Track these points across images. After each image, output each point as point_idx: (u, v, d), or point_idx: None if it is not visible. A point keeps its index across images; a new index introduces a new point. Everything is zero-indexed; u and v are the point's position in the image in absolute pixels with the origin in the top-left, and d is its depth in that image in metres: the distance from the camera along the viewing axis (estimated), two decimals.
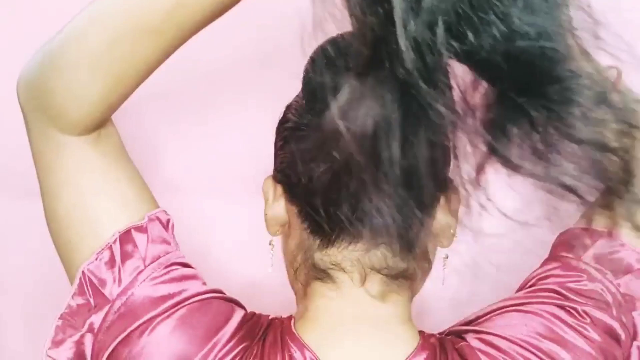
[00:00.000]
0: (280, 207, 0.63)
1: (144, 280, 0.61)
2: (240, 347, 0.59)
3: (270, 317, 0.64)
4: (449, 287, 0.68)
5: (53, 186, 0.61)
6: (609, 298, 0.65)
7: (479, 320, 0.65)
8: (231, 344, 0.60)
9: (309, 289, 0.62)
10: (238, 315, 0.62)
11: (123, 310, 0.60)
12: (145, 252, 0.61)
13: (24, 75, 0.60)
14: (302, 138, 0.59)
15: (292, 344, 0.60)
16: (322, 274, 0.61)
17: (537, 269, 0.70)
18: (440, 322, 0.69)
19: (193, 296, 0.61)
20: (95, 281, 0.61)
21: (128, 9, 0.52)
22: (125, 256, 0.61)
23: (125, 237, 0.61)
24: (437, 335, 0.63)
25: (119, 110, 0.60)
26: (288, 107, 0.63)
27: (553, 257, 0.71)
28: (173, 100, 0.90)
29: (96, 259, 0.60)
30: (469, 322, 0.65)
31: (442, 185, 0.61)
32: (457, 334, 0.64)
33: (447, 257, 0.66)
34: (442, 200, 0.61)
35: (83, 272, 0.61)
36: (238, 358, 0.59)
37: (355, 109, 0.47)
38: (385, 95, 0.45)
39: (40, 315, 0.95)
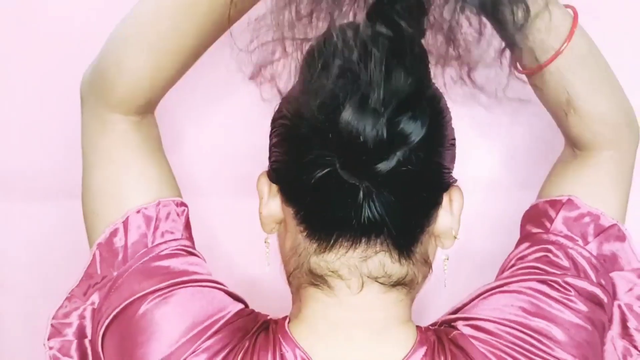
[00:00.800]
0: (276, 205, 0.61)
1: (146, 259, 0.63)
2: (230, 338, 0.59)
3: (268, 317, 0.64)
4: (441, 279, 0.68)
5: (93, 160, 0.66)
6: (585, 264, 0.65)
7: (465, 307, 0.65)
8: (221, 334, 0.59)
9: (304, 291, 0.61)
10: (235, 307, 0.62)
11: (122, 285, 0.62)
12: (152, 233, 0.64)
13: (90, 66, 0.66)
14: (295, 138, 0.57)
15: (284, 343, 0.59)
16: (318, 280, 0.59)
17: (512, 252, 0.70)
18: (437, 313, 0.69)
19: (192, 281, 0.62)
20: (105, 256, 0.64)
21: None
22: (132, 234, 0.63)
23: (136, 217, 0.64)
24: (432, 327, 0.63)
25: None
26: (284, 100, 0.60)
27: (523, 236, 0.72)
28: (174, 98, 0.90)
29: (108, 235, 0.64)
30: (457, 310, 0.65)
31: (445, 186, 0.60)
32: (448, 323, 0.63)
33: (447, 259, 0.64)
34: (445, 200, 0.60)
35: (96, 246, 0.64)
36: (227, 350, 0.58)
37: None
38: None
39: (40, 315, 0.95)
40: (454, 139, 0.61)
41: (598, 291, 0.64)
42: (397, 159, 0.52)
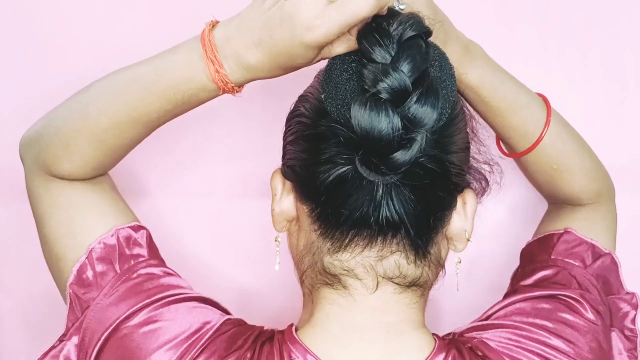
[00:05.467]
0: (289, 203, 0.60)
1: (119, 284, 0.63)
2: (223, 350, 0.58)
3: (264, 328, 0.62)
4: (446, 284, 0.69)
5: (41, 212, 0.68)
6: (587, 284, 0.68)
7: (480, 321, 0.66)
8: (212, 347, 0.59)
9: (317, 293, 0.60)
10: (220, 318, 0.61)
11: (101, 313, 0.62)
12: (118, 260, 0.65)
13: (29, 134, 0.69)
14: (313, 136, 0.56)
15: (293, 349, 0.58)
16: (332, 279, 0.58)
17: (513, 279, 0.74)
18: (452, 323, 0.69)
19: (170, 297, 0.62)
20: (79, 294, 0.64)
21: (132, 111, 0.61)
22: (99, 265, 0.64)
23: (98, 248, 0.65)
24: (447, 337, 0.63)
25: None
26: (301, 99, 0.60)
27: (525, 264, 0.75)
28: None
29: (76, 273, 0.64)
30: (473, 324, 0.66)
31: (460, 188, 0.60)
32: (462, 335, 0.63)
33: (460, 262, 0.63)
34: (459, 203, 0.60)
35: (69, 287, 0.65)
36: None
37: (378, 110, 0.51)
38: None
39: (40, 315, 0.95)
40: (469, 143, 0.61)
41: (600, 308, 0.66)
42: (418, 146, 0.52)
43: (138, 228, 0.68)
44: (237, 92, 0.59)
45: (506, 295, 0.71)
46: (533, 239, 0.77)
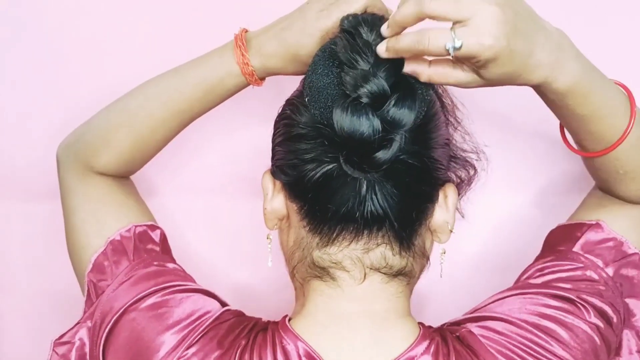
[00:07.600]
0: (280, 202, 0.63)
1: (132, 273, 0.68)
2: (220, 337, 0.61)
3: (262, 320, 0.65)
4: (447, 282, 0.69)
5: (74, 204, 0.73)
6: (599, 284, 0.67)
7: (477, 310, 0.66)
8: (210, 334, 0.61)
9: (307, 286, 0.63)
10: (220, 308, 0.65)
11: (112, 299, 0.66)
12: (132, 252, 0.69)
13: (71, 136, 0.77)
14: (299, 137, 0.59)
15: (285, 337, 0.60)
16: (321, 272, 0.61)
17: (532, 264, 0.72)
18: (439, 315, 0.69)
19: (175, 287, 0.66)
20: (96, 281, 0.69)
21: (167, 101, 0.71)
22: (115, 256, 0.69)
23: (116, 240, 0.70)
24: (436, 328, 0.64)
25: None
26: (287, 102, 0.63)
27: (546, 250, 0.74)
28: None
29: (94, 262, 0.69)
30: (468, 313, 0.67)
31: (441, 182, 0.62)
32: (455, 324, 0.65)
33: (444, 253, 0.66)
34: (441, 196, 0.62)
35: (87, 277, 0.70)
36: (220, 351, 0.60)
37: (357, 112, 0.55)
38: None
39: (40, 315, 0.96)
40: (449, 139, 0.64)
41: (607, 308, 0.66)
42: (397, 145, 0.56)
43: (154, 228, 0.73)
44: (257, 81, 0.69)
45: (515, 283, 0.71)
46: (566, 222, 0.74)
